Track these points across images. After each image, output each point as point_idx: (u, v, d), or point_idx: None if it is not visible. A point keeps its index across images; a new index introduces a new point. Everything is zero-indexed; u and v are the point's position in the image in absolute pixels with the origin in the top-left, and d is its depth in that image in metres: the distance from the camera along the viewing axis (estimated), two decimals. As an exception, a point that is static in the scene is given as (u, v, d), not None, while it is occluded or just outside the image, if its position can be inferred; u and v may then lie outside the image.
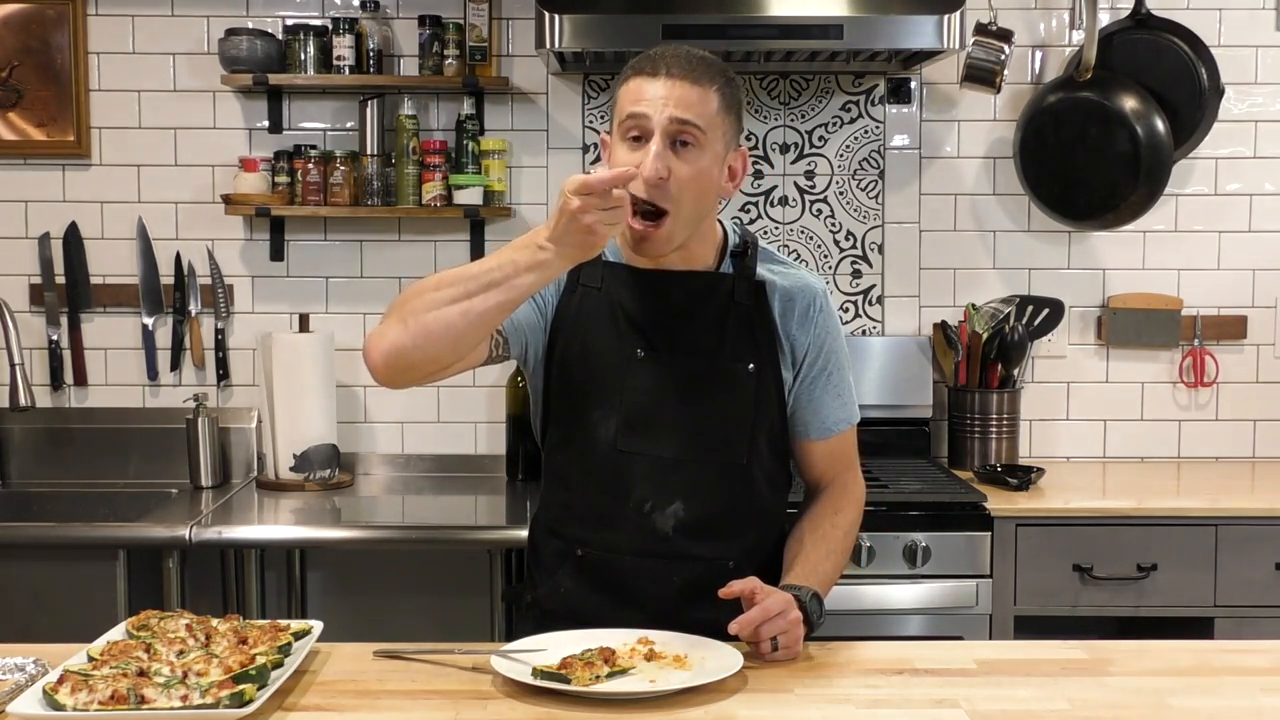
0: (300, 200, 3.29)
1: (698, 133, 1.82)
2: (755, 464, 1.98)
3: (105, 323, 3.42)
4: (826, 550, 1.95)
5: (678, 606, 1.93)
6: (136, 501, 3.11)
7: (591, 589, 1.96)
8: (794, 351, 1.99)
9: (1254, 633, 2.85)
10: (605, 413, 1.94)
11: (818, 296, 2.01)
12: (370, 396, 3.45)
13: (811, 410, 2.01)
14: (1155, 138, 3.25)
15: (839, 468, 2.06)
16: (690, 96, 1.81)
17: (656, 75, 1.81)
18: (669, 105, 1.80)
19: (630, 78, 1.85)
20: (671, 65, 1.82)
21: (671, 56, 1.83)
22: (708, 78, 1.83)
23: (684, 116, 1.81)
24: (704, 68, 1.84)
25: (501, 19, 3.36)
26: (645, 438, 1.93)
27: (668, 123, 1.80)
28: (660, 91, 1.80)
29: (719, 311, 1.96)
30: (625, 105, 1.84)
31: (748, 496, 1.98)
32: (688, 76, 1.81)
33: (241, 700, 1.54)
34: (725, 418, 1.95)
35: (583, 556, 1.98)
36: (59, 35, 3.33)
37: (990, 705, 1.62)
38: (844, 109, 3.43)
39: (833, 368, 2.01)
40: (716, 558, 1.96)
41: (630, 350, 1.95)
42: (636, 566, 1.95)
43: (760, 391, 1.96)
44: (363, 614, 3.14)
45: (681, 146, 1.82)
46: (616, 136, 1.87)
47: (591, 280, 1.98)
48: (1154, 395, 3.50)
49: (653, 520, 1.94)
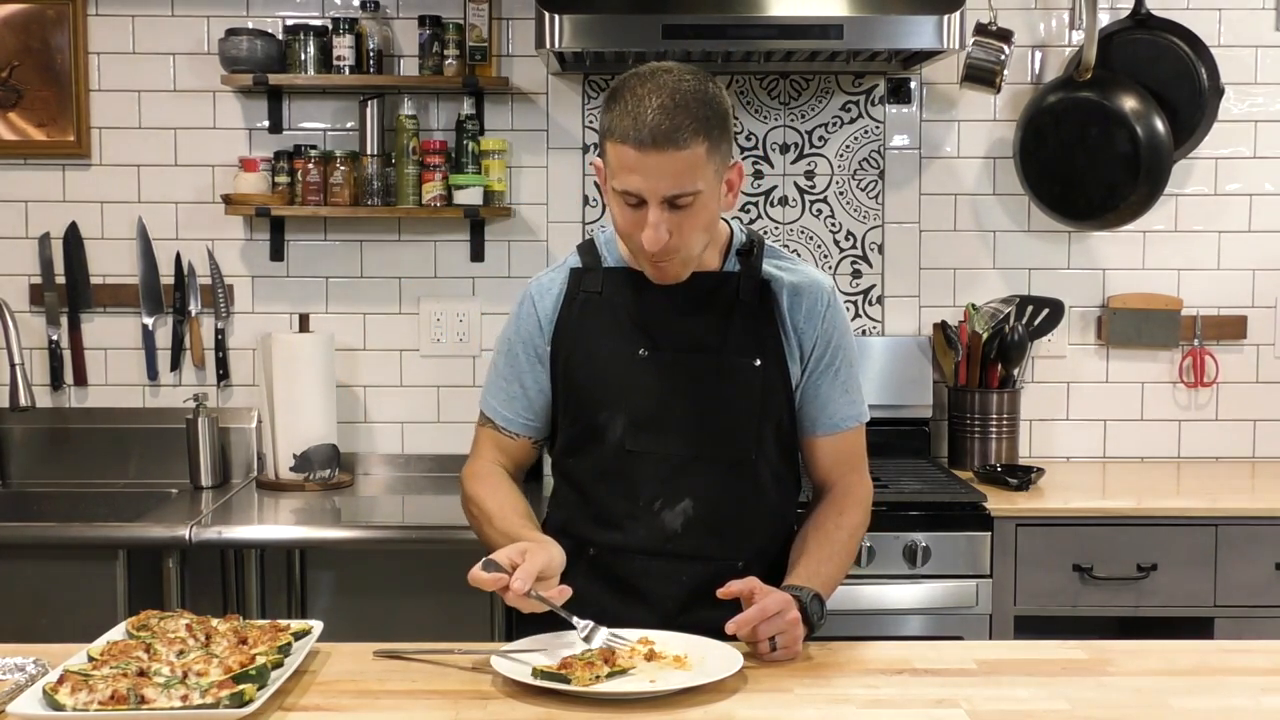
0: (300, 200, 3.29)
1: (692, 196, 1.81)
2: (763, 460, 1.98)
3: (105, 323, 3.42)
4: (830, 551, 1.95)
5: (687, 606, 1.94)
6: (136, 501, 3.11)
7: (602, 589, 1.97)
8: (801, 345, 1.99)
9: (1254, 633, 2.85)
10: (612, 413, 1.96)
11: (826, 293, 2.01)
12: (370, 396, 3.45)
13: (818, 406, 2.01)
14: (1155, 138, 3.25)
15: (846, 468, 2.05)
16: (678, 166, 1.78)
17: (644, 147, 1.76)
18: (661, 181, 1.78)
19: (616, 141, 1.79)
20: (656, 129, 1.75)
21: (657, 113, 1.76)
22: (691, 130, 1.77)
23: (676, 191, 1.79)
24: (685, 118, 1.77)
25: (501, 19, 3.36)
26: (653, 436, 1.95)
27: (662, 196, 1.79)
28: (650, 165, 1.77)
29: (724, 308, 1.97)
30: (616, 172, 1.82)
31: (756, 494, 1.99)
32: (672, 141, 1.76)
33: (241, 700, 1.54)
34: (731, 413, 1.96)
35: (594, 556, 1.99)
36: (59, 35, 3.33)
37: (990, 705, 1.62)
38: (844, 109, 3.43)
39: (841, 364, 2.01)
40: (725, 558, 1.96)
41: (634, 350, 1.96)
42: (646, 566, 1.96)
43: (767, 386, 1.97)
44: (363, 614, 3.14)
45: (677, 209, 1.81)
46: (611, 190, 1.85)
47: (592, 286, 2.00)
48: (1154, 395, 3.50)
49: (662, 519, 1.95)
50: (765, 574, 1.90)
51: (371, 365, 3.45)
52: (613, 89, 1.85)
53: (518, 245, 3.42)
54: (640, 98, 1.78)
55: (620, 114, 1.79)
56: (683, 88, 1.79)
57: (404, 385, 3.45)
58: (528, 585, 1.70)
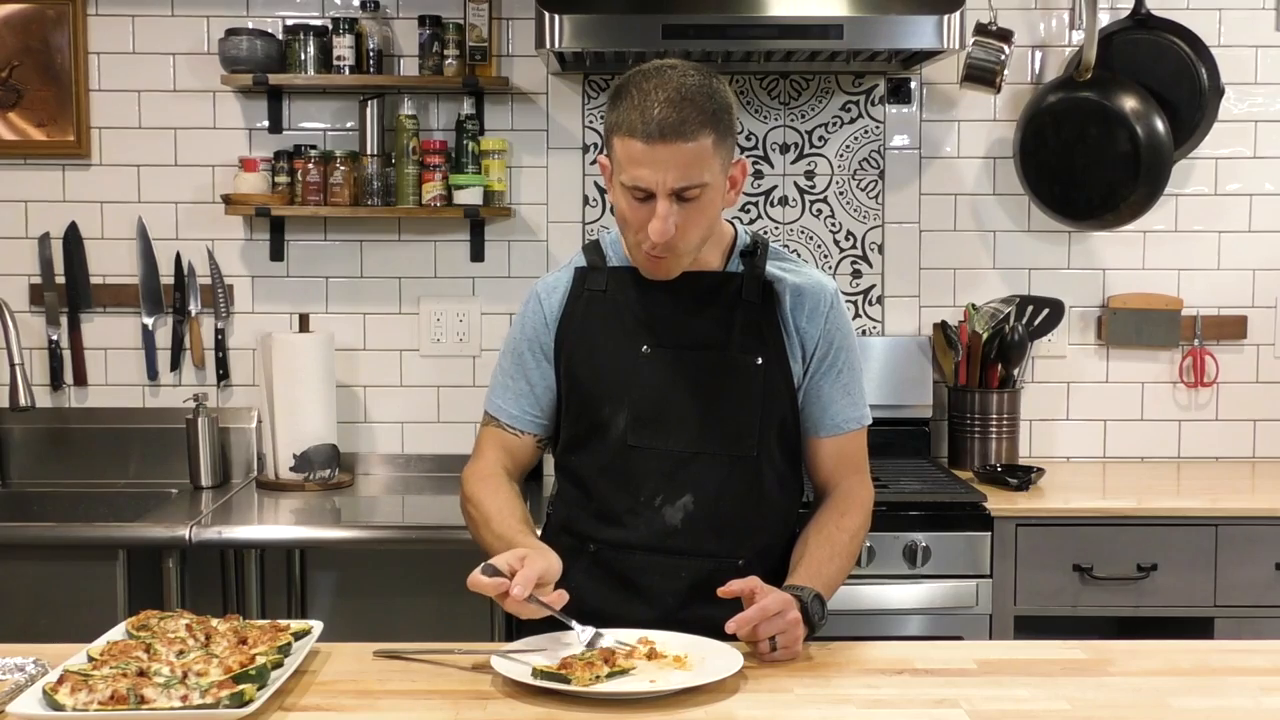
0: (300, 200, 3.29)
1: (699, 188, 1.83)
2: (765, 459, 1.99)
3: (105, 323, 3.42)
4: (831, 552, 1.95)
5: (686, 603, 1.95)
6: (136, 501, 3.11)
7: (603, 585, 1.98)
8: (804, 345, 2.01)
9: (1254, 633, 2.85)
10: (615, 409, 1.97)
11: (829, 295, 2.03)
12: (370, 396, 3.45)
13: (820, 406, 2.02)
14: (1155, 138, 3.25)
15: (847, 470, 2.06)
16: (686, 158, 1.80)
17: (652, 140, 1.79)
18: (669, 173, 1.80)
19: (624, 135, 1.82)
20: (665, 121, 1.78)
21: (664, 107, 1.78)
22: (698, 122, 1.80)
23: (684, 184, 1.81)
24: (692, 111, 1.79)
25: (501, 19, 3.36)
26: (655, 432, 1.96)
27: (670, 189, 1.81)
28: (659, 156, 1.79)
29: (726, 308, 1.99)
30: (626, 166, 1.83)
31: (758, 492, 1.99)
32: (680, 133, 1.78)
33: (241, 700, 1.54)
34: (734, 410, 1.97)
35: (595, 553, 2.00)
36: (59, 35, 3.33)
37: (990, 705, 1.62)
38: (844, 109, 3.43)
39: (843, 365, 2.03)
40: (726, 555, 1.97)
41: (637, 347, 1.98)
42: (646, 562, 1.97)
43: (769, 385, 1.98)
44: (363, 614, 3.14)
45: (684, 201, 1.83)
46: (618, 183, 1.87)
47: (597, 284, 2.02)
48: (1154, 395, 3.50)
49: (663, 515, 1.96)
50: (767, 573, 1.90)
51: (371, 365, 3.45)
52: (617, 86, 1.86)
53: (518, 245, 3.42)
54: (646, 93, 1.81)
55: (627, 109, 1.81)
56: (688, 83, 1.81)
57: (404, 385, 3.45)
58: (527, 590, 1.70)
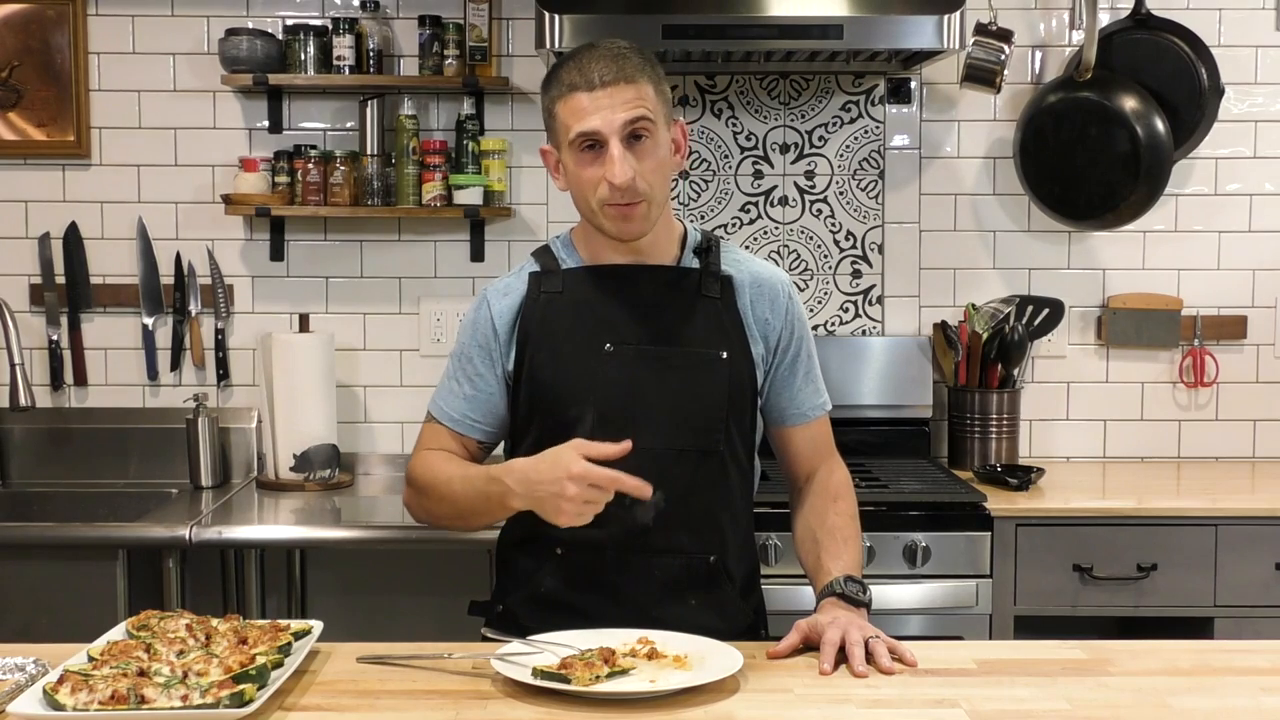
0: (300, 200, 3.29)
1: (648, 124, 1.90)
2: (729, 453, 2.01)
3: (105, 323, 3.42)
4: (842, 538, 1.99)
5: (659, 601, 1.95)
6: (136, 501, 3.11)
7: (572, 588, 1.98)
8: (766, 338, 2.04)
9: (1254, 633, 2.85)
10: (581, 409, 1.96)
11: (786, 285, 2.08)
12: (370, 396, 3.45)
13: (788, 397, 2.07)
14: (1155, 138, 3.25)
15: (823, 454, 2.11)
16: (631, 95, 1.88)
17: (594, 88, 1.88)
18: (616, 111, 1.88)
19: (567, 95, 1.90)
20: (604, 73, 1.88)
21: (600, 62, 1.89)
22: (636, 69, 1.90)
23: (632, 115, 1.88)
24: (629, 62, 1.90)
25: (501, 19, 3.36)
26: (622, 430, 1.92)
27: (621, 127, 1.88)
28: (604, 102, 1.88)
29: (686, 303, 2.01)
30: (572, 123, 1.90)
31: (724, 487, 2.01)
32: (621, 77, 1.89)
33: (241, 700, 1.54)
34: (700, 405, 1.98)
35: (562, 556, 1.98)
36: (59, 35, 3.33)
37: (990, 705, 1.62)
38: (844, 109, 3.43)
39: (805, 354, 2.08)
40: (697, 551, 1.99)
41: (599, 345, 1.97)
42: (618, 562, 1.97)
43: (734, 379, 2.00)
44: (363, 614, 3.14)
45: (636, 141, 1.89)
46: (566, 151, 1.93)
47: (553, 287, 2.02)
48: (1154, 395, 3.50)
49: (633, 513, 1.93)
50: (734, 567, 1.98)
51: (371, 365, 3.45)
52: (550, 71, 1.96)
53: (518, 245, 3.41)
54: (581, 58, 1.92)
55: (566, 74, 1.91)
56: (618, 45, 1.93)
57: (404, 385, 3.45)
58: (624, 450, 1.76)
